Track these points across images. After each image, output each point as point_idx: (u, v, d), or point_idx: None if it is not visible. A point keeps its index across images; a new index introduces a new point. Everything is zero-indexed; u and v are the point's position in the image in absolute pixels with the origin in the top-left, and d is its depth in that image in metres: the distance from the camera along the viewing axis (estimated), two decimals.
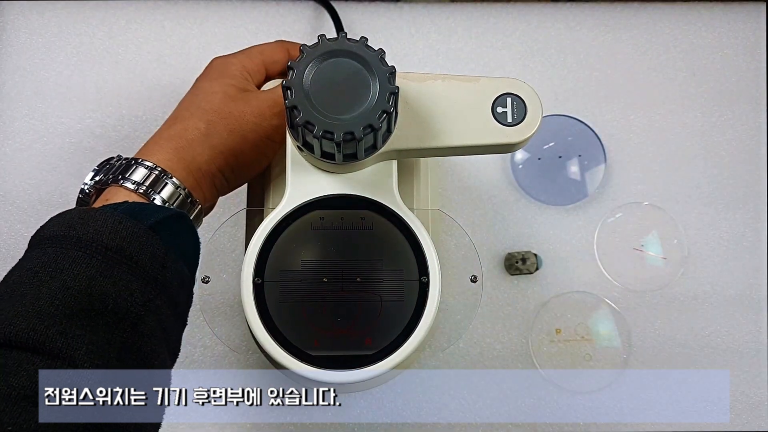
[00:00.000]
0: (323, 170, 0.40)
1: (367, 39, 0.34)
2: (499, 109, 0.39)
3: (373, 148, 0.37)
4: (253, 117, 0.44)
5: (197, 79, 0.47)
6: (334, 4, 0.63)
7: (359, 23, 0.64)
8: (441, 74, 0.40)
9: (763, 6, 0.65)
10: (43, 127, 0.62)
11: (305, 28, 0.64)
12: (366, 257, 0.40)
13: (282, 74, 0.49)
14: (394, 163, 0.41)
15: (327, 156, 0.36)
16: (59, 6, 0.64)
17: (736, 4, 0.65)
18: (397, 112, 0.36)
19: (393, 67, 0.34)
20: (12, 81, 0.63)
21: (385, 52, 0.34)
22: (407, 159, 0.49)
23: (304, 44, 0.35)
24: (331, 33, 0.61)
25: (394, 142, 0.38)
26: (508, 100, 0.39)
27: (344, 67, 0.34)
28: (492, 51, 0.64)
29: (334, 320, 0.39)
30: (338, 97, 0.34)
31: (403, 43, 0.64)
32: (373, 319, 0.39)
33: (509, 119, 0.39)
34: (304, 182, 0.40)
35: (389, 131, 0.36)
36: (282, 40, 0.50)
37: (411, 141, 0.38)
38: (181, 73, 0.63)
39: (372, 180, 0.40)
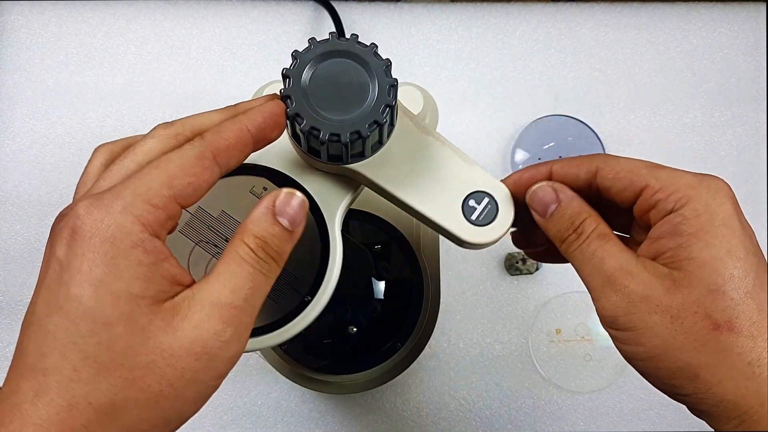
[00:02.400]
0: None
1: (357, 36, 0.34)
2: (471, 202, 0.37)
3: (379, 143, 0.37)
4: (193, 362, 0.27)
5: (59, 266, 0.27)
6: (334, 4, 0.62)
7: (359, 23, 0.64)
8: (444, 140, 0.38)
9: (763, 6, 0.65)
10: (43, 127, 0.62)
11: (305, 28, 0.64)
12: None
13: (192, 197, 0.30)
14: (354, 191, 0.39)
15: (334, 159, 0.36)
16: (59, 6, 0.64)
17: (737, 4, 0.65)
18: (397, 104, 0.36)
19: (388, 59, 0.34)
20: (12, 81, 0.63)
21: (377, 46, 0.34)
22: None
23: (296, 50, 0.34)
24: (328, 34, 0.61)
25: (369, 168, 0.37)
26: (485, 200, 0.37)
27: (339, 67, 0.34)
28: (492, 51, 0.64)
29: None
30: (338, 97, 0.34)
31: (403, 43, 0.64)
32: None
33: (474, 216, 0.37)
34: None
35: (392, 124, 0.36)
36: (199, 140, 0.30)
37: (381, 176, 0.37)
38: (181, 73, 0.63)
39: (332, 184, 0.39)
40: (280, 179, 0.37)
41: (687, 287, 0.30)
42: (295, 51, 0.34)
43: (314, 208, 0.37)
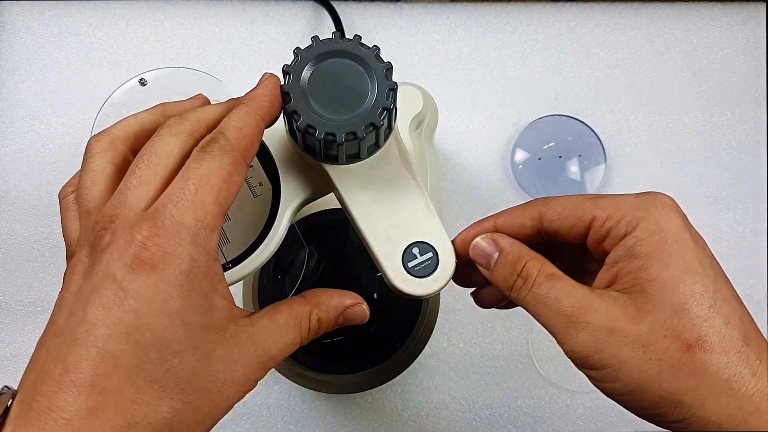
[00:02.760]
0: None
1: (360, 37, 0.34)
2: (414, 250, 0.36)
3: (376, 146, 0.37)
4: (234, 391, 0.29)
5: (105, 283, 0.27)
6: (334, 4, 0.62)
7: (359, 23, 0.64)
8: (420, 185, 0.37)
9: (763, 6, 0.65)
10: (43, 127, 0.62)
11: (305, 28, 0.64)
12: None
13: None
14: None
15: (329, 158, 0.36)
16: (59, 6, 0.64)
17: (737, 4, 0.65)
18: (396, 108, 0.36)
19: (389, 63, 0.34)
20: (12, 81, 0.63)
21: (379, 49, 0.34)
22: (404, 158, 0.49)
23: (298, 47, 0.34)
24: (329, 33, 0.61)
25: (340, 177, 0.37)
26: (429, 254, 0.36)
27: (340, 66, 0.34)
28: (491, 51, 0.64)
29: None
30: (337, 97, 0.34)
31: (403, 43, 0.64)
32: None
33: (411, 264, 0.36)
34: None
35: (390, 128, 0.36)
36: (234, 159, 0.29)
37: (347, 188, 0.36)
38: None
39: (304, 178, 0.38)
40: (265, 156, 0.38)
41: (651, 312, 0.30)
42: (297, 48, 0.34)
43: (276, 190, 0.37)
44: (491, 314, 0.59)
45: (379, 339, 0.48)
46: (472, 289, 0.39)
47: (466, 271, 0.37)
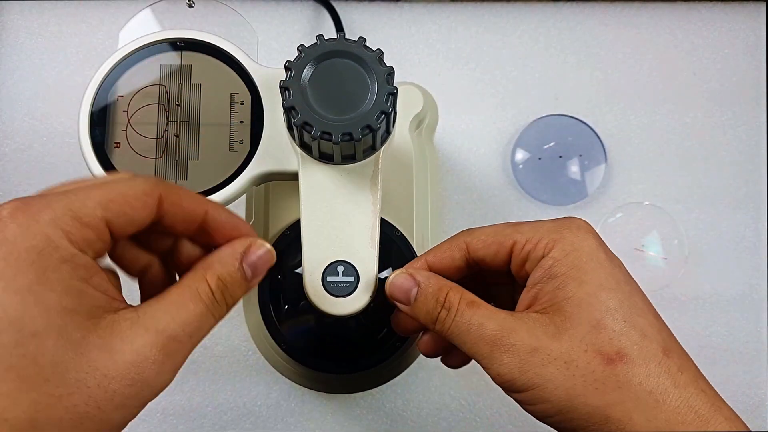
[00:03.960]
0: None
1: (365, 39, 0.34)
2: (339, 268, 0.36)
3: (372, 149, 0.37)
4: (126, 387, 0.26)
5: None
6: (334, 4, 0.62)
7: (359, 23, 0.64)
8: (377, 210, 0.37)
9: (764, 6, 0.65)
10: (43, 127, 0.62)
11: (305, 28, 0.64)
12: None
13: (188, 230, 0.31)
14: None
15: (325, 157, 0.36)
16: (59, 6, 0.64)
17: (737, 4, 0.65)
18: (395, 113, 0.36)
19: (391, 67, 0.34)
20: (11, 81, 0.63)
21: (383, 53, 0.34)
22: (404, 158, 0.49)
23: (302, 44, 0.34)
24: (331, 33, 0.61)
25: (306, 171, 0.37)
26: (351, 277, 0.36)
27: (342, 67, 0.34)
28: (492, 51, 0.64)
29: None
30: (336, 97, 0.34)
31: (403, 43, 0.64)
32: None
33: (328, 279, 0.36)
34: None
35: (388, 132, 0.36)
36: (154, 180, 0.30)
37: (306, 184, 0.37)
38: None
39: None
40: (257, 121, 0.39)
41: (570, 328, 0.30)
42: (302, 45, 0.34)
43: (251, 153, 0.39)
44: None
45: (379, 339, 0.48)
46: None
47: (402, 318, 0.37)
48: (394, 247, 0.48)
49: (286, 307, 0.47)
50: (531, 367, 0.30)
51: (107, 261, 0.31)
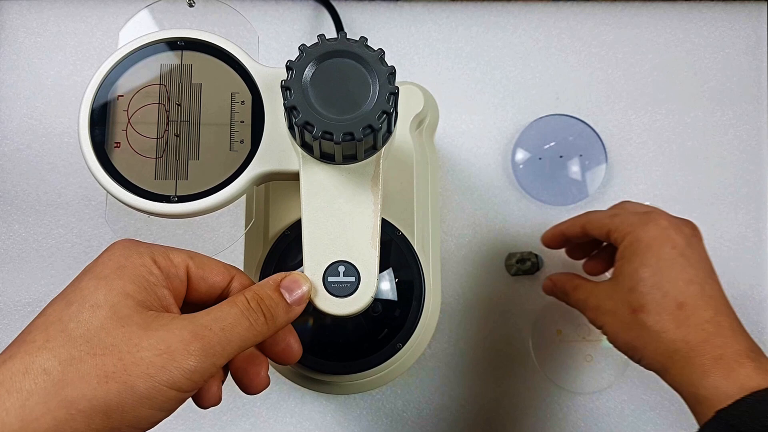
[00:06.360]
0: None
1: (366, 39, 0.34)
2: (340, 268, 0.37)
3: (373, 149, 0.36)
4: (154, 356, 0.29)
5: (84, 270, 0.33)
6: (334, 4, 0.62)
7: (359, 23, 0.64)
8: (377, 211, 0.37)
9: (764, 6, 0.65)
10: (43, 127, 0.62)
11: (305, 27, 0.64)
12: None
13: (210, 299, 0.36)
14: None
15: (326, 157, 0.36)
16: (58, 6, 0.64)
17: (737, 4, 0.65)
18: (397, 113, 0.36)
19: (393, 67, 0.34)
20: (10, 80, 0.63)
21: (384, 52, 0.34)
22: (405, 158, 0.49)
23: (303, 44, 0.34)
24: (331, 33, 0.61)
25: (306, 172, 0.37)
26: (352, 278, 0.36)
27: (344, 67, 0.34)
28: (492, 51, 0.64)
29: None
30: (338, 97, 0.34)
31: (403, 43, 0.64)
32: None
33: (330, 279, 0.36)
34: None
35: (389, 132, 0.36)
36: (228, 266, 0.36)
37: (307, 185, 0.37)
38: None
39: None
40: (258, 121, 0.39)
41: (617, 292, 0.46)
42: (303, 45, 0.34)
43: (252, 153, 0.39)
44: (491, 315, 0.59)
45: (379, 340, 0.48)
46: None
47: (573, 248, 0.56)
48: (394, 247, 0.48)
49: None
50: (598, 316, 0.47)
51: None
